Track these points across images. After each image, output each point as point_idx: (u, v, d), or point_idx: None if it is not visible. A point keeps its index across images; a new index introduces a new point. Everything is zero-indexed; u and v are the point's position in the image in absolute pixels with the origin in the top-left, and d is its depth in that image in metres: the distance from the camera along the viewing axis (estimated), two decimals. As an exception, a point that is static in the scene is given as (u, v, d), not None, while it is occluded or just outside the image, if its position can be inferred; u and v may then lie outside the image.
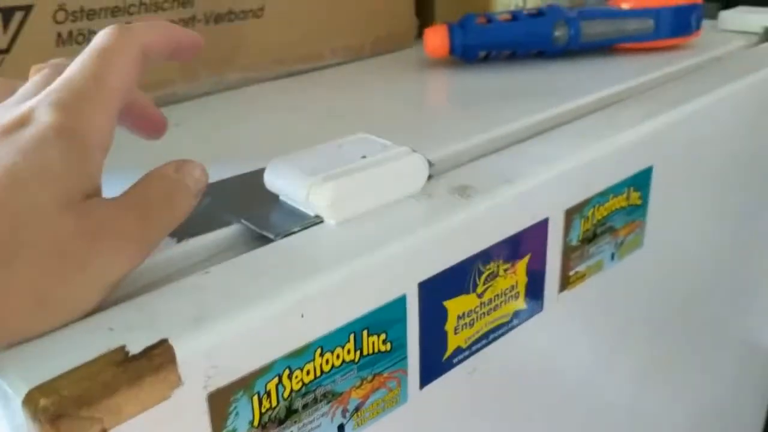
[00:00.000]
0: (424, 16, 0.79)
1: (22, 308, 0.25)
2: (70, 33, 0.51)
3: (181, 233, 0.33)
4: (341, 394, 0.32)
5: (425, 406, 0.37)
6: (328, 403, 0.31)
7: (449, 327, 0.37)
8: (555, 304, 0.44)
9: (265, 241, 0.33)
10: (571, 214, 0.43)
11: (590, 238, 0.45)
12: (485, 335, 0.40)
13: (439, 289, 0.35)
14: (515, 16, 0.67)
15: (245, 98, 0.59)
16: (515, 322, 0.41)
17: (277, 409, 0.29)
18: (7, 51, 0.48)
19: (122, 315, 0.27)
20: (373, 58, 0.72)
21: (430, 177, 0.38)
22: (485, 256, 0.37)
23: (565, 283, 0.45)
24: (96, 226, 0.27)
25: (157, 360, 0.25)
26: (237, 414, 0.28)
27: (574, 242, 0.44)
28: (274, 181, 0.35)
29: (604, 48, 0.69)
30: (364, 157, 0.36)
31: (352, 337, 0.31)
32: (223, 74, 0.60)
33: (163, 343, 0.25)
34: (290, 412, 0.30)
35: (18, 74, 0.36)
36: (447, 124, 0.51)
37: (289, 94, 0.60)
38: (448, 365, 0.38)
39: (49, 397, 0.23)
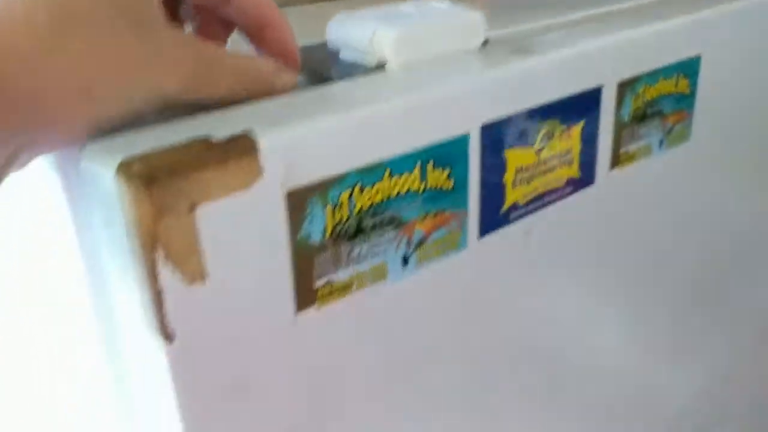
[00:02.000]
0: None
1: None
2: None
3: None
4: (407, 222, 0.33)
5: (482, 257, 0.38)
6: (395, 228, 0.32)
7: (508, 179, 0.38)
8: (606, 180, 0.45)
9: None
10: (624, 87, 0.43)
11: (640, 117, 0.46)
12: (540, 197, 0.40)
13: (500, 137, 0.36)
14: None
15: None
16: (569, 189, 0.42)
17: (347, 223, 0.30)
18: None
19: (204, 118, 0.28)
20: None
21: (485, 43, 0.38)
22: (543, 111, 0.38)
23: (616, 160, 0.45)
24: (162, 42, 0.27)
25: (240, 146, 0.26)
26: (311, 220, 0.29)
27: (626, 119, 0.45)
28: (336, 31, 0.36)
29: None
30: (425, 10, 0.37)
31: (418, 166, 0.32)
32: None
33: (246, 134, 0.27)
34: (360, 230, 0.31)
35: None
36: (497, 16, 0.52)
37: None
38: (505, 220, 0.39)
39: (143, 163, 0.24)
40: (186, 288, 0.26)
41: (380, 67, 0.35)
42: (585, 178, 0.43)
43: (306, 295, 0.30)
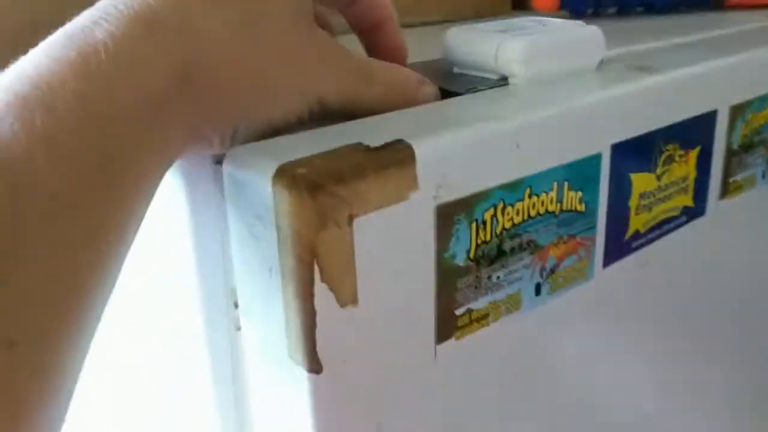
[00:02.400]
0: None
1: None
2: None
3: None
4: (542, 248, 0.30)
5: (605, 288, 0.35)
6: (531, 253, 0.30)
7: (632, 203, 0.35)
8: (715, 210, 0.42)
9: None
10: (735, 112, 0.41)
11: (748, 145, 0.44)
12: (659, 225, 0.38)
13: (627, 158, 0.34)
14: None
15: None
16: (683, 218, 0.40)
17: (489, 244, 0.28)
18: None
19: (353, 125, 0.26)
20: (473, 21, 0.72)
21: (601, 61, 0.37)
22: (666, 134, 0.36)
23: (726, 189, 0.43)
24: (322, 47, 0.26)
25: (399, 153, 0.24)
26: (458, 238, 0.27)
27: (735, 145, 0.42)
28: (453, 45, 0.35)
29: (712, 3, 0.68)
30: (543, 25, 0.35)
31: (555, 185, 0.30)
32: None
33: (402, 141, 0.24)
34: (500, 253, 0.28)
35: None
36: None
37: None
38: (628, 248, 0.36)
39: (306, 167, 0.22)
40: (339, 312, 0.23)
41: (503, 81, 0.33)
42: (698, 207, 0.41)
43: (447, 325, 0.27)
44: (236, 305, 0.27)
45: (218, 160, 0.25)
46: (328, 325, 0.23)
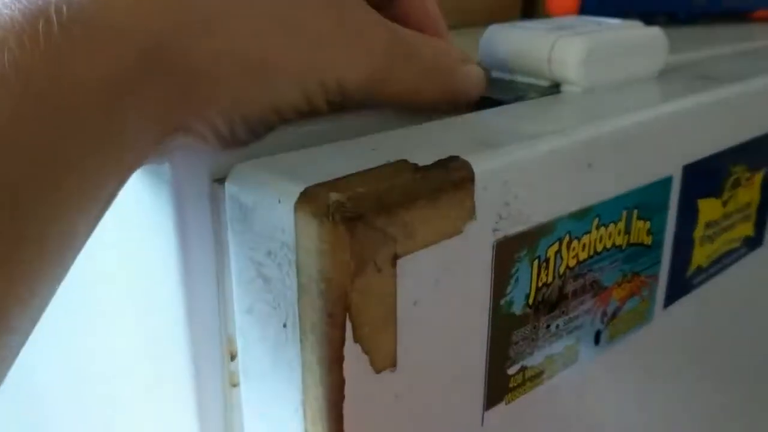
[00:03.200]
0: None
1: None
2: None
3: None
4: (605, 289, 0.25)
5: (665, 330, 0.30)
6: (593, 297, 0.25)
7: (697, 234, 0.30)
8: (772, 241, 0.37)
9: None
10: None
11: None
12: (720, 258, 0.33)
13: (697, 180, 0.29)
14: (646, -25, 0.62)
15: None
16: (743, 250, 0.35)
17: (551, 287, 0.23)
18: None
19: (386, 139, 0.21)
20: (482, 27, 0.67)
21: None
22: (735, 154, 0.31)
23: (784, 217, 0.38)
24: (349, 18, 0.21)
25: (455, 174, 0.19)
26: (517, 280, 0.21)
27: (796, 168, 0.38)
28: (495, 44, 0.29)
29: (739, 15, 0.64)
30: (599, 24, 0.30)
31: (624, 215, 0.25)
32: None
33: (457, 158, 0.19)
34: (561, 297, 0.23)
35: None
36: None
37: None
38: (689, 285, 0.31)
39: (343, 192, 0.16)
40: (372, 379, 0.18)
41: (555, 88, 0.28)
42: (757, 237, 0.36)
43: (498, 387, 0.22)
44: (232, 357, 0.22)
45: (218, 178, 0.19)
46: (358, 396, 0.17)
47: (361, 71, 0.20)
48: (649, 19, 0.62)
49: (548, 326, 0.23)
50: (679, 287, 0.30)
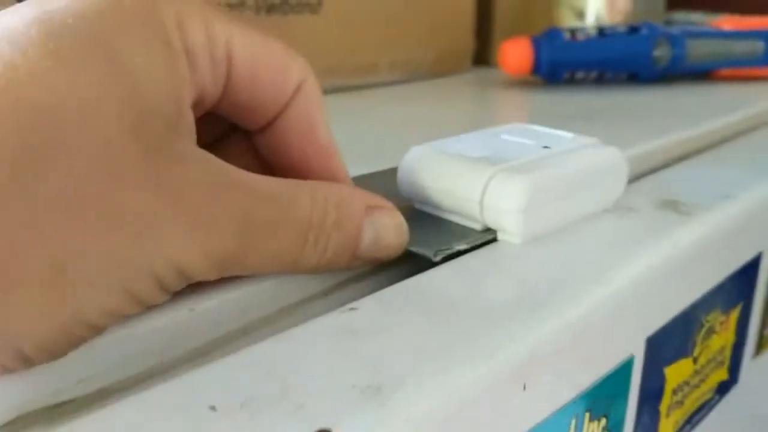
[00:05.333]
0: (482, 37, 0.69)
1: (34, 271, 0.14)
2: None
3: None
4: None
5: None
6: None
7: (663, 407, 0.25)
8: (747, 374, 0.32)
9: (413, 263, 0.21)
10: (780, 249, 0.31)
11: (786, 287, 0.34)
12: (689, 419, 0.27)
13: (662, 349, 0.23)
14: (604, 32, 0.57)
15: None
16: (716, 398, 0.29)
17: None
18: None
19: (244, 382, 0.15)
20: (431, 80, 0.61)
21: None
22: (709, 300, 0.26)
23: (760, 344, 0.33)
24: (182, 189, 0.15)
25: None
26: None
27: (774, 290, 0.32)
28: (416, 176, 0.23)
29: (702, 74, 0.60)
30: (547, 147, 0.24)
31: (573, 424, 0.19)
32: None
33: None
34: None
35: None
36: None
37: (347, 105, 0.49)
38: (654, 464, 0.25)
39: None
40: None
41: (489, 233, 0.22)
42: (732, 378, 0.30)
43: None
44: None
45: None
46: None
47: (204, 256, 0.15)
48: (607, 78, 0.57)
49: None
50: (641, 471, 0.24)
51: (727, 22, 0.60)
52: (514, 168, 0.22)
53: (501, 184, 0.21)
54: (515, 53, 0.55)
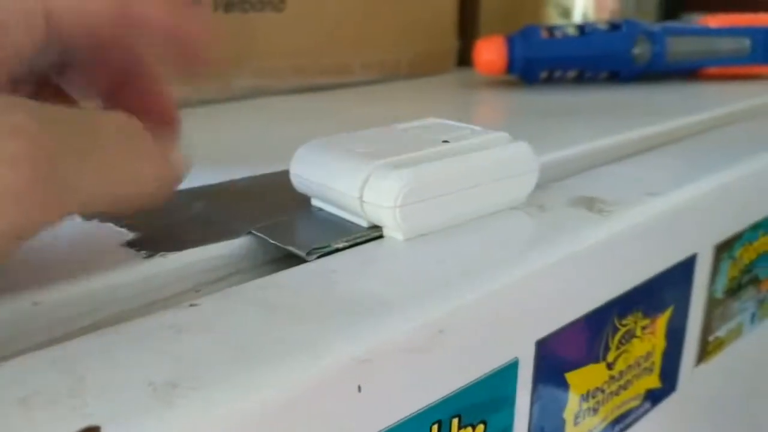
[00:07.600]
0: (467, 37, 0.68)
1: None
2: None
3: (154, 246, 0.20)
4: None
5: None
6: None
7: (569, 414, 0.24)
8: (689, 382, 0.31)
9: (289, 262, 0.20)
10: (721, 252, 0.30)
11: (735, 290, 0.32)
12: (609, 427, 0.26)
13: (561, 353, 0.22)
14: (584, 29, 0.56)
15: (254, 108, 0.47)
16: (646, 406, 0.28)
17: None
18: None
19: (38, 377, 0.14)
20: (408, 80, 0.60)
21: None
22: (624, 303, 0.24)
23: (704, 352, 0.31)
24: None
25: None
26: None
27: (719, 294, 0.31)
28: (306, 172, 0.23)
29: (686, 73, 0.58)
30: (446, 141, 0.23)
31: (435, 430, 0.18)
32: (228, 79, 0.48)
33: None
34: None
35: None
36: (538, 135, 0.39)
37: (313, 106, 0.48)
38: (562, 474, 0.24)
39: None
40: None
41: (375, 230, 0.21)
42: (667, 386, 0.29)
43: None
44: None
45: None
46: None
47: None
48: (587, 77, 0.56)
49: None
50: (545, 482, 0.23)
51: (714, 20, 0.58)
52: (393, 163, 0.21)
53: (378, 180, 0.20)
54: (489, 52, 0.54)
